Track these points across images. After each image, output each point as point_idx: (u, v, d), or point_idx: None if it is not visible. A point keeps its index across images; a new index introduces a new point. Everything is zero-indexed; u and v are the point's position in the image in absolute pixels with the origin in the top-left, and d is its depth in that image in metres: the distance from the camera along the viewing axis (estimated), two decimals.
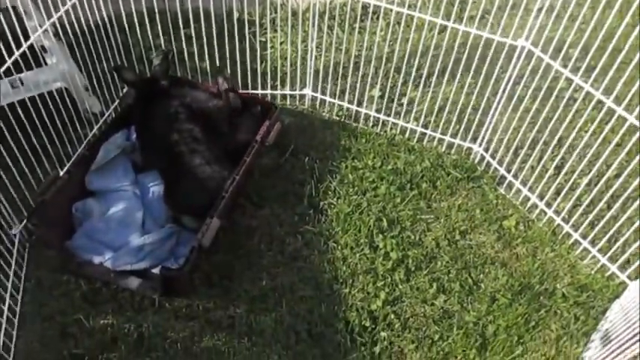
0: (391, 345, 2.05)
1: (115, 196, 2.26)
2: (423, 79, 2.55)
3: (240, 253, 2.22)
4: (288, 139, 2.61)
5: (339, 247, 2.28)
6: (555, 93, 2.20)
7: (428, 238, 2.34)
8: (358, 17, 2.52)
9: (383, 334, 2.06)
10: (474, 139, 2.60)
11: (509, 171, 2.48)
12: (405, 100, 2.66)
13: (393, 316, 2.11)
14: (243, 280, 2.15)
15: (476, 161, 2.62)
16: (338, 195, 2.44)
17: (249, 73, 2.68)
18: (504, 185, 2.51)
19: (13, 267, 2.06)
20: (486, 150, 2.57)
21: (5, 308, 1.95)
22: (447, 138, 2.62)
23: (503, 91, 2.38)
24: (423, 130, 2.66)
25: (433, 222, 2.39)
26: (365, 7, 2.96)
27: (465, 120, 2.57)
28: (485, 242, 2.33)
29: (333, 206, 2.41)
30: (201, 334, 2.01)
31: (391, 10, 2.40)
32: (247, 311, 2.07)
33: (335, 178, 2.49)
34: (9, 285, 2.01)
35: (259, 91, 2.77)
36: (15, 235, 2.13)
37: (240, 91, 2.59)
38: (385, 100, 2.68)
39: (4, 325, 1.91)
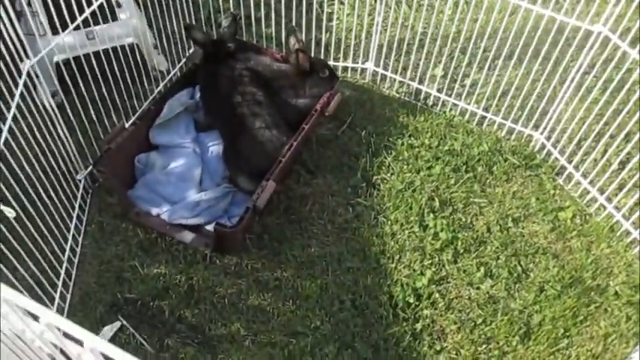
0: (433, 323, 2.05)
1: (176, 151, 2.32)
2: (489, 61, 2.50)
3: (292, 219, 2.26)
4: (346, 111, 2.62)
5: (389, 223, 2.28)
6: (628, 85, 2.12)
7: (479, 222, 2.32)
8: None
9: (426, 311, 2.07)
10: (536, 127, 2.54)
11: (570, 162, 2.42)
12: (467, 82, 2.62)
13: (437, 295, 2.11)
14: (293, 245, 2.18)
15: (535, 149, 2.56)
16: (392, 171, 2.44)
17: (312, 42, 2.69)
18: (563, 176, 2.45)
19: (76, 210, 2.15)
20: (548, 139, 2.51)
21: (67, 248, 2.04)
22: (508, 123, 2.57)
23: (572, 80, 2.31)
24: (484, 114, 2.62)
25: (486, 206, 2.36)
26: None
27: (529, 107, 2.51)
28: (538, 232, 2.29)
29: (386, 181, 2.41)
30: (248, 293, 2.06)
31: None
32: (294, 276, 2.11)
33: (390, 154, 2.49)
34: (72, 227, 2.10)
35: None
36: (80, 180, 2.23)
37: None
38: (447, 80, 2.64)
39: (64, 264, 2.01)
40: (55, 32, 2.01)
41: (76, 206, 2.16)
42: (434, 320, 2.06)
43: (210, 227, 2.15)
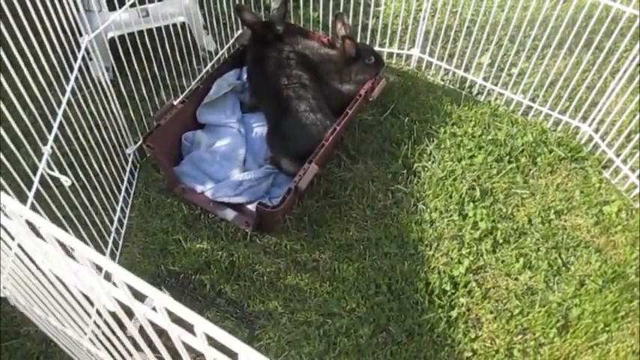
0: (469, 311, 2.05)
1: (221, 131, 2.37)
2: (538, 51, 2.45)
3: (331, 203, 2.28)
4: (390, 97, 2.62)
5: (428, 210, 2.28)
6: None
7: (520, 213, 2.29)
8: None
9: (462, 299, 2.07)
10: (584, 119, 2.49)
11: (618, 155, 2.37)
12: (515, 71, 2.58)
13: (474, 284, 2.10)
14: (332, 228, 2.21)
15: (582, 141, 2.51)
16: (433, 159, 2.43)
17: (359, 27, 2.69)
18: (610, 169, 2.40)
19: (125, 183, 2.22)
20: (596, 131, 2.46)
21: (115, 219, 2.12)
22: (555, 114, 2.53)
23: (625, 71, 2.25)
24: (530, 104, 2.58)
25: (528, 198, 2.34)
26: None
27: (577, 98, 2.46)
28: (581, 225, 2.26)
29: (427, 169, 2.40)
30: (286, 272, 2.10)
31: None
32: (332, 258, 2.14)
33: (432, 142, 2.48)
34: (120, 198, 2.17)
35: None
36: (129, 154, 2.30)
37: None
38: (494, 68, 2.61)
39: (112, 234, 2.08)
40: (111, 8, 2.07)
41: (125, 179, 2.23)
42: (470, 309, 2.06)
43: (251, 207, 2.19)
